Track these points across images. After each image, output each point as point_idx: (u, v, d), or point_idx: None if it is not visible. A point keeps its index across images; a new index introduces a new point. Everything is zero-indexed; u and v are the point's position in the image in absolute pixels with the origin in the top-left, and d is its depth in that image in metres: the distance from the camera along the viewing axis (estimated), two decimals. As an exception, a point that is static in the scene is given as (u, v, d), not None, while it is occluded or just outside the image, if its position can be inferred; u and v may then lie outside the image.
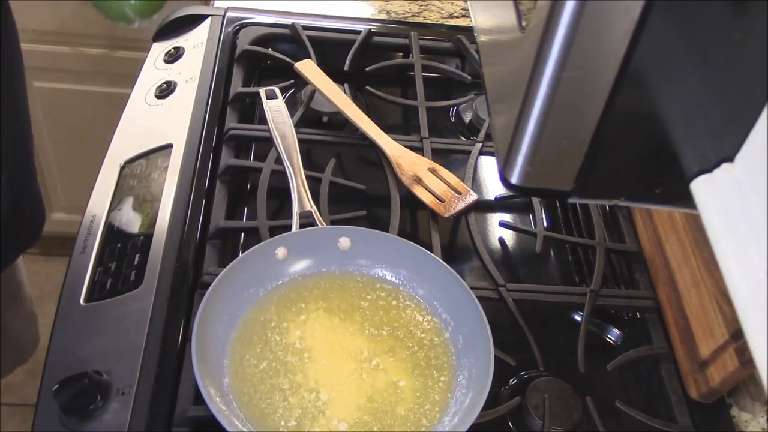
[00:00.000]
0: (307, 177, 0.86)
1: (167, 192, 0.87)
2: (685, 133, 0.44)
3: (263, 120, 0.95)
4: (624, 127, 0.45)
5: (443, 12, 1.26)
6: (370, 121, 0.97)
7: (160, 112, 0.99)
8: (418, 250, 0.78)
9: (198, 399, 0.67)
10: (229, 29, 1.13)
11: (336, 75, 1.02)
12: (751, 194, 0.39)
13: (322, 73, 1.01)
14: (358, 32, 1.13)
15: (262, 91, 0.97)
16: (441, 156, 0.96)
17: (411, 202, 0.91)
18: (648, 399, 0.80)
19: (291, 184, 0.84)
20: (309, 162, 0.93)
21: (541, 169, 0.47)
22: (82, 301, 0.77)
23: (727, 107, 0.42)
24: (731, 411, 0.77)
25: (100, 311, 0.76)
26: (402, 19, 1.23)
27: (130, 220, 0.85)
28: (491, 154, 0.99)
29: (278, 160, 0.89)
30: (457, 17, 1.25)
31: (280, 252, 0.77)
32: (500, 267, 0.85)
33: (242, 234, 0.89)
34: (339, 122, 1.01)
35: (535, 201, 0.95)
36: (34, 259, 2.01)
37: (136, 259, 0.80)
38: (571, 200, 0.49)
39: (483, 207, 0.97)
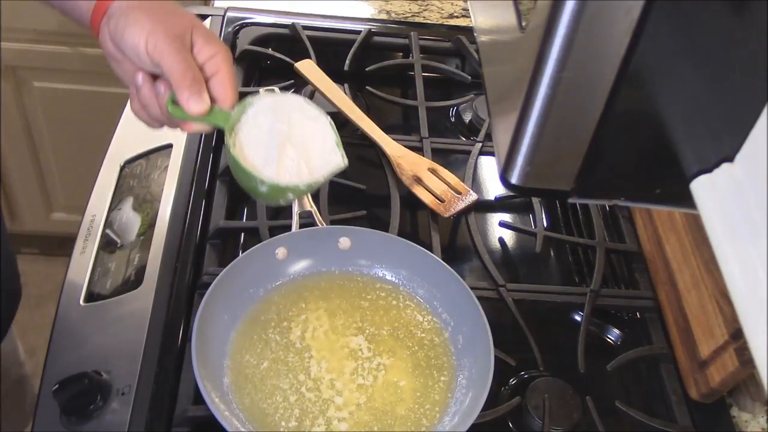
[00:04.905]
0: (307, 177, 0.86)
1: (167, 192, 0.87)
2: (685, 133, 0.44)
3: (263, 120, 0.94)
4: (624, 127, 0.45)
5: (443, 12, 1.26)
6: (370, 121, 0.97)
7: (160, 112, 0.99)
8: (418, 250, 0.78)
9: (198, 399, 0.67)
10: (229, 29, 1.13)
11: (336, 75, 1.02)
12: (751, 194, 0.39)
13: (322, 73, 1.00)
14: (358, 32, 1.13)
15: (262, 91, 0.97)
16: (441, 156, 0.96)
17: (411, 202, 0.91)
18: (648, 399, 0.80)
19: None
20: (309, 162, 0.93)
21: (541, 169, 0.47)
22: (82, 301, 0.77)
23: (727, 107, 0.42)
24: (731, 411, 0.77)
25: (100, 311, 0.76)
26: (402, 19, 1.23)
27: (130, 220, 0.85)
28: (491, 154, 0.99)
29: (278, 160, 0.89)
30: (457, 17, 1.25)
31: (280, 252, 0.77)
32: (500, 267, 0.85)
33: (242, 234, 0.89)
34: (339, 122, 1.01)
35: (535, 201, 0.95)
36: (34, 259, 2.01)
37: (136, 259, 0.80)
38: (571, 200, 0.49)
39: (483, 207, 0.97)
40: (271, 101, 0.69)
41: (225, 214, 0.86)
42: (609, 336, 0.85)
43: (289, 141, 0.68)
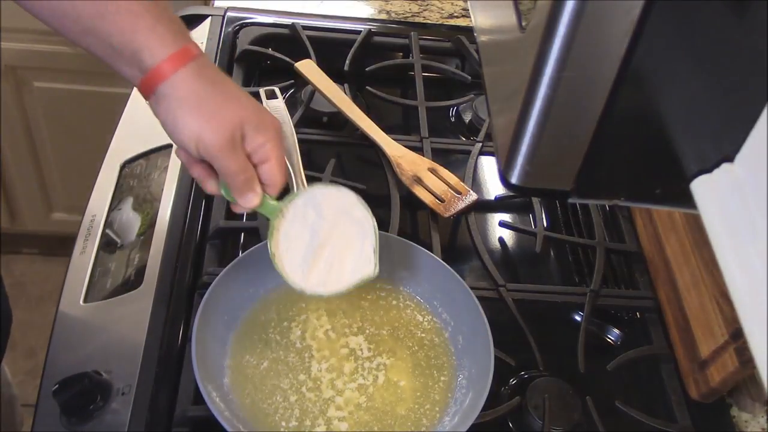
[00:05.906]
0: (307, 177, 0.85)
1: (167, 192, 0.87)
2: (685, 133, 0.44)
3: (263, 120, 0.94)
4: (624, 127, 0.45)
5: (443, 12, 1.26)
6: (370, 121, 0.97)
7: (160, 112, 0.98)
8: (418, 250, 0.78)
9: (198, 399, 0.67)
10: (229, 29, 1.13)
11: (336, 75, 1.02)
12: (751, 194, 0.39)
13: (322, 73, 1.00)
14: (358, 32, 1.13)
15: (262, 91, 0.96)
16: (441, 156, 0.96)
17: (411, 202, 0.91)
18: (648, 399, 0.80)
19: (291, 184, 0.84)
20: (309, 162, 0.93)
21: (541, 169, 0.47)
22: (82, 301, 0.77)
23: (727, 107, 0.42)
24: (731, 411, 0.77)
25: (100, 311, 0.76)
26: (402, 19, 1.23)
27: (130, 220, 0.85)
28: (491, 154, 0.99)
29: (278, 160, 0.89)
30: (457, 17, 1.25)
31: (280, 252, 0.77)
32: (500, 267, 0.85)
33: (242, 234, 0.89)
34: (339, 122, 1.01)
35: (535, 201, 0.95)
36: (34, 259, 2.01)
37: (136, 259, 0.80)
38: (571, 200, 0.49)
39: (483, 207, 0.97)
40: (322, 194, 0.71)
41: (225, 214, 0.86)
42: (609, 336, 0.85)
43: (329, 243, 0.70)
